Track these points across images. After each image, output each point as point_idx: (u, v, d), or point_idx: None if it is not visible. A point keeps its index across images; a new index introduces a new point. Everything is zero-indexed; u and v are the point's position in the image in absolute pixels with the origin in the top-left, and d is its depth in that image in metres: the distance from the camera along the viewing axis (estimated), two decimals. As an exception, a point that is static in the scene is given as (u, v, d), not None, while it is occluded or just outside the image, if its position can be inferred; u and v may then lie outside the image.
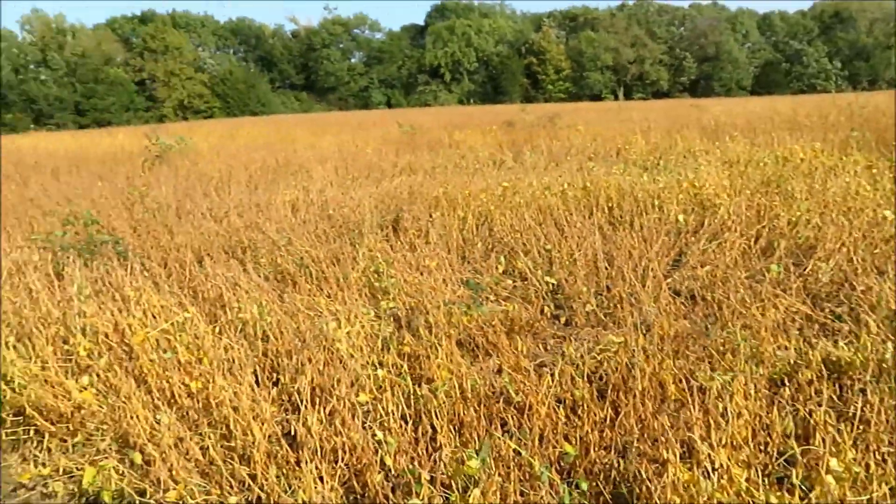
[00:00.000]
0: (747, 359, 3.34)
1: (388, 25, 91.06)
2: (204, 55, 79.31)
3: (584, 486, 2.52)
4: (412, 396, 3.27)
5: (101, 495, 2.94)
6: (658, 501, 2.29)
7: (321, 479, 2.70)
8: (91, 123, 61.89)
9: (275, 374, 3.83)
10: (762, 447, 2.67)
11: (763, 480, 2.39)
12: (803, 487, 2.28)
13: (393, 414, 3.09)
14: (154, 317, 4.47)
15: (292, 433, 3.13)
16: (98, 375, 3.83)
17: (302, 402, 3.11)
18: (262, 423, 3.05)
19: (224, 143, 21.26)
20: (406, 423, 3.06)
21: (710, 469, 2.39)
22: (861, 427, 2.62)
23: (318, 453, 2.88)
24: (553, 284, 5.34)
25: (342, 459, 2.88)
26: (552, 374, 3.28)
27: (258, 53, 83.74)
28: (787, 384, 3.22)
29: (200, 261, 6.18)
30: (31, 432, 3.71)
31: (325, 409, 3.16)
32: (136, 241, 7.28)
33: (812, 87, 75.76)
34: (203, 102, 73.27)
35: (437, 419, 2.96)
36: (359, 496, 2.80)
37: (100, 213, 8.46)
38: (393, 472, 2.80)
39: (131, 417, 3.25)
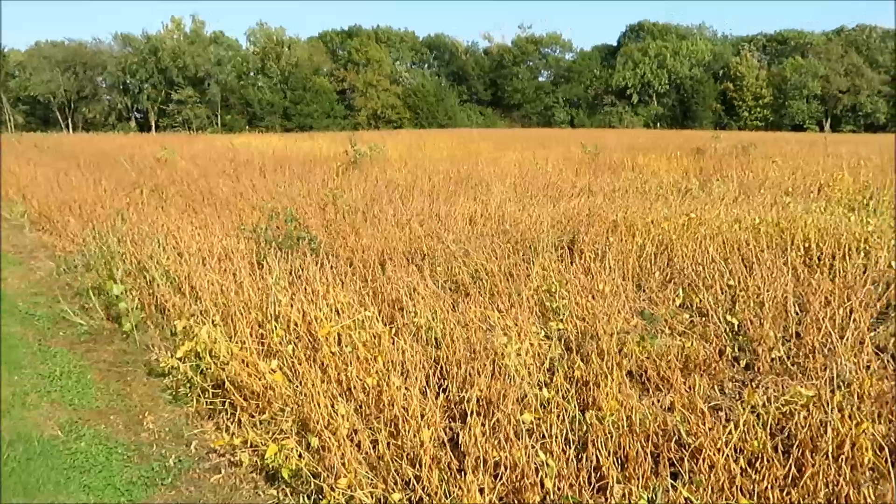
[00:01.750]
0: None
1: (580, 45, 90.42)
2: (400, 69, 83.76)
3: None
4: (577, 422, 3.23)
5: (281, 471, 3.20)
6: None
7: (481, 490, 2.75)
8: (295, 127, 67.62)
9: (443, 381, 3.95)
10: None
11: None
12: None
13: (556, 437, 3.07)
14: (338, 312, 4.80)
15: (456, 441, 3.21)
16: (286, 361, 4.18)
17: (469, 412, 3.18)
18: (430, 428, 3.16)
19: (411, 153, 22.29)
20: (569, 447, 3.03)
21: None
22: None
23: (481, 466, 2.93)
24: (735, 324, 5.03)
25: (503, 475, 2.91)
26: (731, 421, 3.08)
27: (451, 68, 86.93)
28: None
29: (383, 263, 6.53)
30: (226, 404, 4.12)
31: (489, 422, 3.21)
32: (327, 239, 7.83)
33: None
34: (395, 113, 77.37)
35: (602, 449, 2.89)
36: (515, 514, 2.81)
37: (297, 211, 9.21)
38: (552, 496, 2.78)
39: (312, 403, 3.50)
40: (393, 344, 4.26)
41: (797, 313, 5.11)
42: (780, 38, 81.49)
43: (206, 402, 4.21)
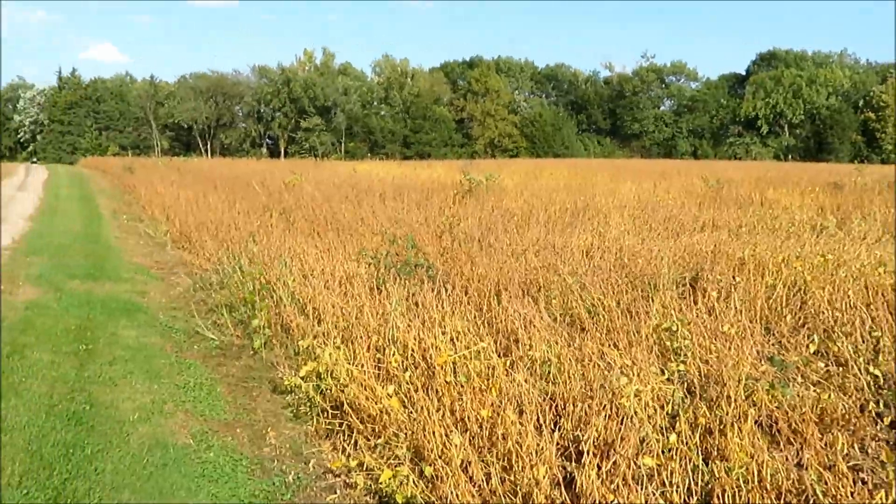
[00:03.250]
0: None
1: (705, 74, 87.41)
2: (519, 98, 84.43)
3: None
4: (699, 472, 3.07)
5: (395, 497, 3.25)
6: None
7: (597, 535, 2.67)
8: (414, 155, 69.48)
9: (558, 419, 3.89)
10: None
11: None
12: None
13: (678, 486, 2.94)
14: (453, 341, 4.84)
15: (570, 481, 3.14)
16: (402, 386, 4.25)
17: (586, 451, 3.11)
18: (545, 465, 3.11)
19: (528, 182, 22.30)
20: (690, 498, 2.89)
21: None
22: None
23: (597, 508, 2.85)
24: (879, 377, 4.63)
25: (619, 521, 2.81)
26: (875, 484, 2.83)
27: (569, 98, 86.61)
28: None
29: (498, 293, 6.54)
30: (344, 426, 4.25)
31: (606, 464, 3.12)
32: (443, 266, 7.95)
33: None
34: (511, 142, 77.88)
35: (728, 502, 2.74)
36: (632, 563, 2.71)
37: (415, 238, 9.43)
38: (672, 547, 2.66)
39: (427, 431, 3.54)
40: (507, 376, 4.24)
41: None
42: (931, 65, 75.31)
43: (325, 422, 4.36)
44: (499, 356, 4.58)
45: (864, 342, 5.29)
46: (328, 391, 4.44)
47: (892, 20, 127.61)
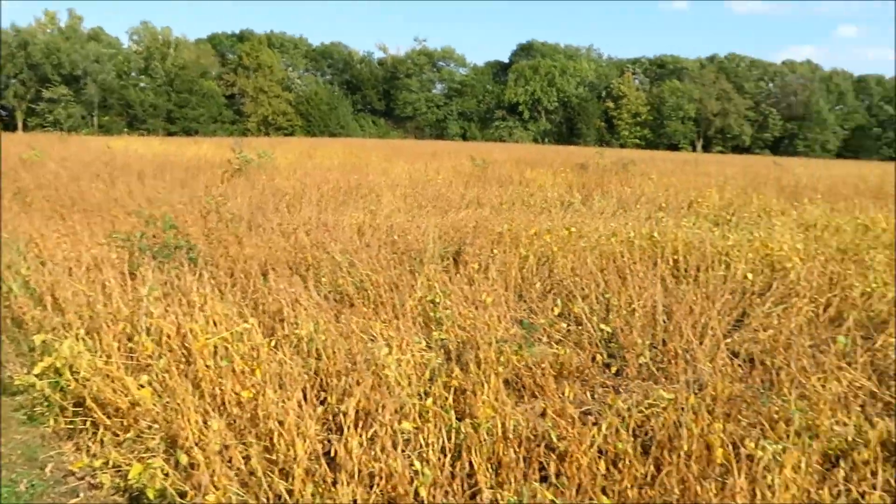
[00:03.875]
0: (801, 431, 3.21)
1: (472, 60, 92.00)
2: (293, 75, 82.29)
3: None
4: (454, 431, 3.28)
5: (146, 492, 3.05)
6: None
7: (354, 502, 2.74)
8: (179, 131, 64.82)
9: (322, 393, 3.91)
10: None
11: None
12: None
13: (433, 446, 3.11)
14: (215, 324, 4.63)
15: (332, 453, 3.18)
16: (156, 375, 3.99)
17: (346, 423, 3.16)
18: (305, 440, 3.11)
19: (301, 161, 21.92)
20: (445, 456, 3.07)
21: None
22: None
23: (356, 476, 2.92)
24: (608, 332, 5.28)
25: (378, 485, 2.91)
26: (597, 424, 3.23)
27: (345, 77, 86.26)
28: (843, 462, 3.09)
29: (265, 274, 6.38)
30: (88, 423, 3.88)
31: (367, 433, 3.20)
32: (208, 248, 7.56)
33: (904, 155, 72.53)
34: (286, 120, 75.79)
35: (476, 456, 2.95)
36: (390, 524, 2.82)
37: (177, 219, 8.84)
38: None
39: (183, 419, 3.37)
40: (272, 355, 4.16)
41: (665, 321, 5.42)
42: (659, 63, 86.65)
43: (66, 421, 3.95)
44: (264, 336, 4.48)
45: (598, 303, 5.99)
46: (68, 387, 4.02)
47: (629, 20, 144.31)
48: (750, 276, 6.80)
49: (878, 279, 6.26)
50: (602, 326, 5.33)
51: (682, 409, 3.33)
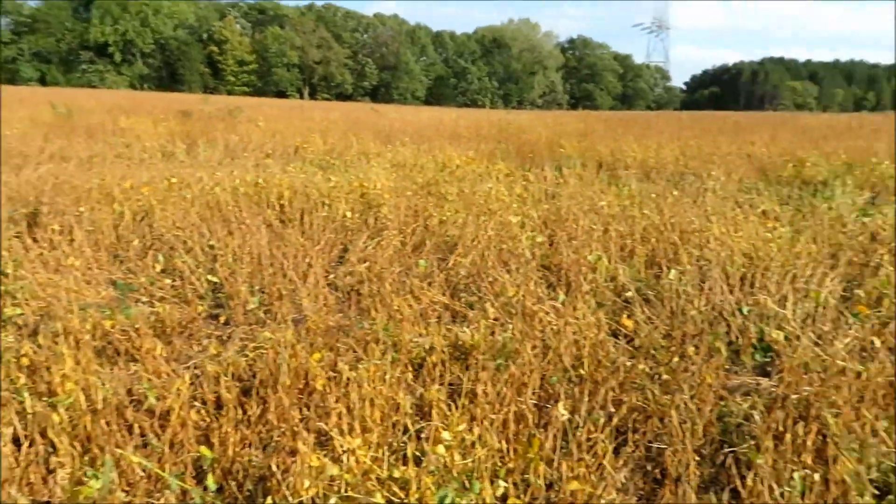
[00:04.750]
0: (388, 347, 3.60)
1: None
2: None
3: (213, 486, 2.47)
4: (29, 414, 2.89)
5: None
6: (288, 490, 2.35)
7: None
8: None
9: None
10: (393, 427, 2.90)
11: (390, 457, 2.60)
12: (420, 457, 2.54)
13: (3, 436, 2.69)
14: None
15: None
16: None
17: None
18: None
19: None
20: (19, 446, 2.69)
21: (341, 453, 2.52)
22: (472, 400, 3.01)
23: None
24: (215, 283, 5.18)
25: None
26: (200, 377, 3.16)
27: None
28: (423, 368, 3.56)
29: None
30: None
31: None
32: None
33: (474, 103, 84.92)
34: None
35: (57, 437, 2.65)
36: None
37: None
38: None
39: None
40: None
41: (271, 265, 5.51)
42: (259, 8, 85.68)
43: None
44: None
45: (204, 254, 5.80)
46: None
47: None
48: (349, 214, 7.30)
49: (452, 208, 7.25)
50: (209, 277, 5.20)
51: (283, 346, 3.45)
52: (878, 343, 3.59)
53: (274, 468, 2.44)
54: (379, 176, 9.25)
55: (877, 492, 2.47)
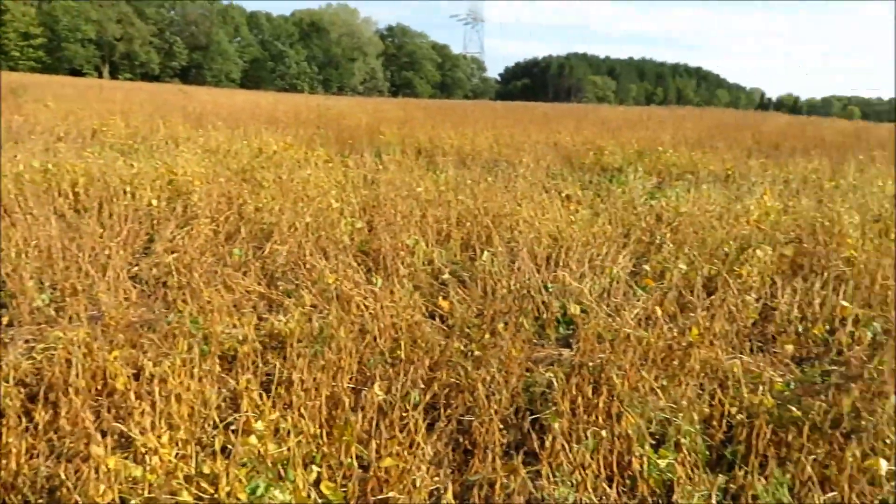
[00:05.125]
0: (197, 340, 3.43)
1: None
2: None
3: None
4: None
5: None
6: (81, 497, 2.18)
7: None
8: None
9: None
10: (203, 422, 2.78)
11: (199, 453, 2.49)
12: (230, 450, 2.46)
13: None
14: None
15: None
16: None
17: None
18: None
19: None
20: None
21: (143, 453, 2.38)
22: (288, 388, 2.97)
23: None
24: (-5, 283, 4.63)
25: None
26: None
27: None
28: (237, 360, 3.44)
29: None
30: None
31: None
32: None
33: (294, 87, 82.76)
34: None
35: None
36: None
37: None
38: None
39: None
40: None
41: (64, 259, 5.02)
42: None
43: None
44: None
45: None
46: None
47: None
48: (155, 202, 6.84)
49: (268, 195, 7.04)
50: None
51: (76, 345, 3.17)
52: (659, 312, 4.02)
53: (63, 476, 2.24)
54: (189, 162, 8.74)
55: (654, 442, 2.77)
